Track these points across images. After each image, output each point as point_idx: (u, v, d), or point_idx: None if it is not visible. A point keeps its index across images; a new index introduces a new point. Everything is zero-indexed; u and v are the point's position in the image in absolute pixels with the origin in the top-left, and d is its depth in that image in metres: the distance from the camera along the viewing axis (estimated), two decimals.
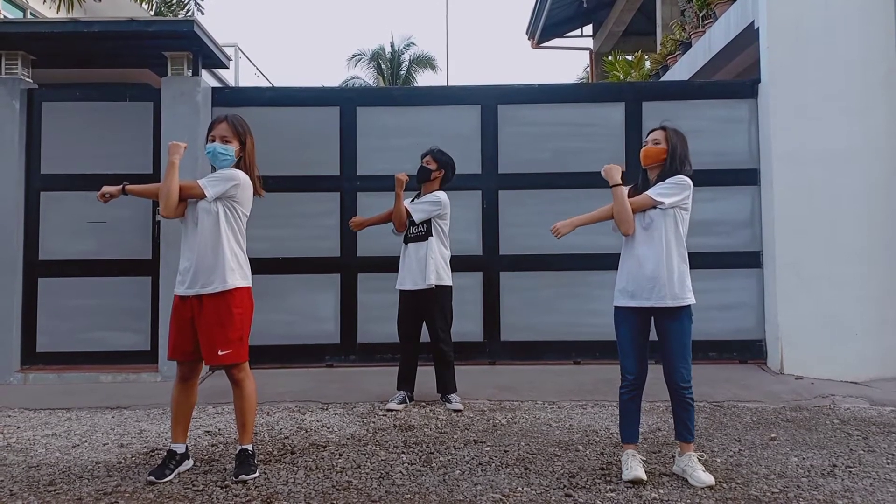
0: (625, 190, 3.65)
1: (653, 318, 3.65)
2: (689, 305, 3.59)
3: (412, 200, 5.24)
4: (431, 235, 5.14)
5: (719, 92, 6.75)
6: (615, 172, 3.67)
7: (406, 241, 5.23)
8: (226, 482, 3.58)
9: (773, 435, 4.43)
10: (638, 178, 3.81)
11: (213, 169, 3.81)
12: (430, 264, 5.08)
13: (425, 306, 5.16)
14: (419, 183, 5.27)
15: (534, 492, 3.45)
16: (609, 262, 6.53)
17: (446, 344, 5.17)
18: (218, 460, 3.95)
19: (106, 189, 3.80)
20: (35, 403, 5.40)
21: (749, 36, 6.81)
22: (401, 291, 5.24)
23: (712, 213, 6.35)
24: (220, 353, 3.62)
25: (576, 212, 3.84)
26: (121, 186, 3.80)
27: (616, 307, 3.71)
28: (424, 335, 5.27)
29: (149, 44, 6.36)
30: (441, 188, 5.27)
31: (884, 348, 6.03)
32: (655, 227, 3.59)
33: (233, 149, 3.74)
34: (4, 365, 6.13)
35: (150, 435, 4.53)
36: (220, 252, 3.65)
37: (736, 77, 8.20)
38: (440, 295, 5.14)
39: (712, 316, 6.18)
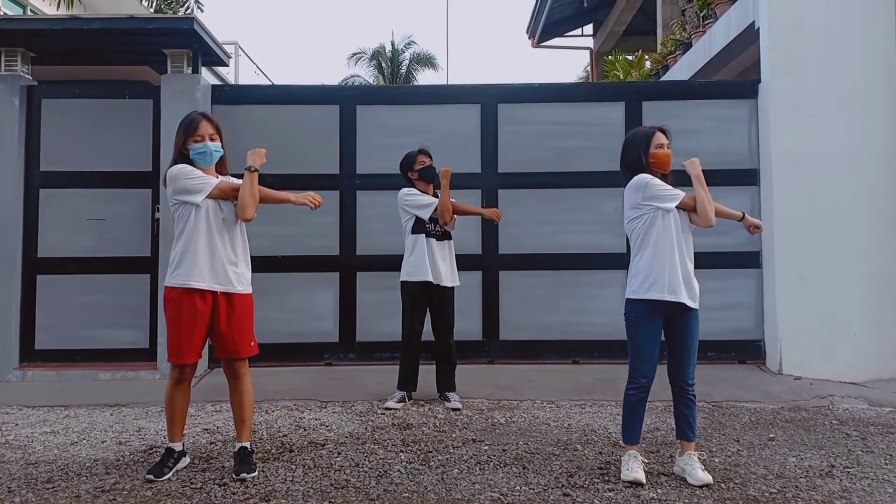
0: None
1: (663, 318, 3.64)
2: None
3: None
4: (451, 238, 5.27)
5: (719, 92, 6.75)
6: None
7: (432, 236, 5.14)
8: (224, 480, 3.58)
9: (771, 435, 4.43)
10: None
11: (188, 162, 3.72)
12: (454, 264, 5.25)
13: (443, 304, 5.19)
14: (429, 182, 5.24)
15: (532, 491, 3.45)
16: (608, 261, 6.60)
17: (453, 342, 5.24)
18: (216, 458, 3.95)
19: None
20: (33, 400, 5.40)
21: (749, 36, 6.81)
22: (420, 286, 5.10)
23: None
24: (251, 343, 3.73)
25: (575, 211, 3.86)
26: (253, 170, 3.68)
27: (640, 304, 3.61)
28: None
29: (149, 41, 6.35)
30: None
31: (883, 349, 6.03)
32: (684, 227, 3.65)
33: (220, 145, 3.76)
34: (3, 362, 6.12)
35: (148, 432, 4.53)
36: (248, 249, 3.80)
37: (736, 77, 8.20)
38: (454, 294, 5.27)
39: (711, 316, 6.14)
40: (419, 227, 5.15)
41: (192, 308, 3.59)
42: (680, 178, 3.74)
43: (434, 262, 5.11)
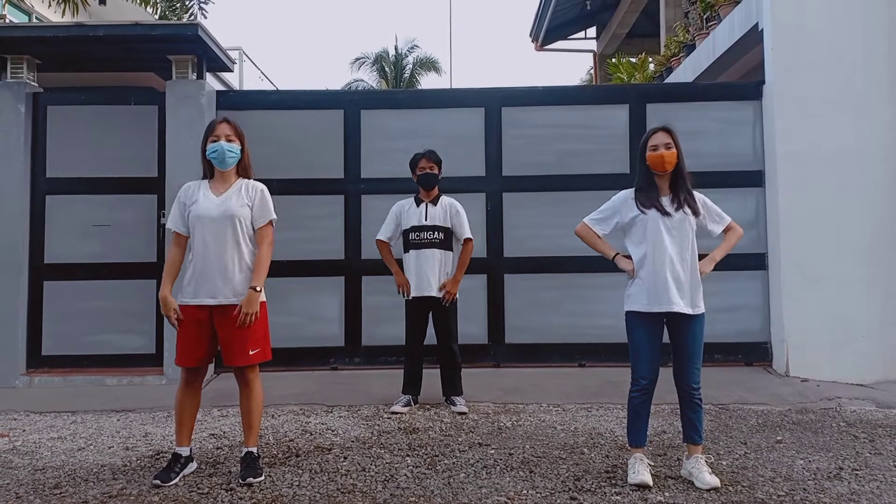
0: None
1: (665, 322, 3.64)
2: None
3: (424, 205, 5.23)
4: (452, 249, 5.26)
5: (723, 94, 6.74)
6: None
7: (421, 246, 5.17)
8: (231, 485, 3.58)
9: (778, 437, 4.41)
10: (640, 182, 3.76)
11: (211, 169, 3.79)
12: (451, 272, 5.24)
13: (443, 312, 5.18)
14: (427, 189, 5.25)
15: (539, 495, 3.44)
16: (613, 264, 6.55)
17: (457, 346, 5.23)
18: (223, 463, 3.96)
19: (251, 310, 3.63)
20: (40, 406, 5.41)
21: (753, 37, 6.80)
22: (415, 297, 5.19)
23: None
24: (251, 352, 3.68)
25: (580, 214, 3.87)
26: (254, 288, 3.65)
27: (631, 312, 3.67)
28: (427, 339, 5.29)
29: (153, 47, 6.38)
30: None
31: (890, 350, 6.01)
32: (680, 233, 3.61)
33: (238, 147, 3.77)
34: (10, 368, 6.14)
35: (155, 438, 4.54)
36: (248, 262, 3.73)
37: (740, 79, 8.19)
38: (455, 300, 5.25)
39: (717, 318, 6.12)
40: (405, 243, 5.25)
41: (190, 316, 3.66)
42: (699, 181, 3.78)
43: (421, 274, 5.13)
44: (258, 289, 3.64)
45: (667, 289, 3.55)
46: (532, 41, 16.18)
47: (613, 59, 11.86)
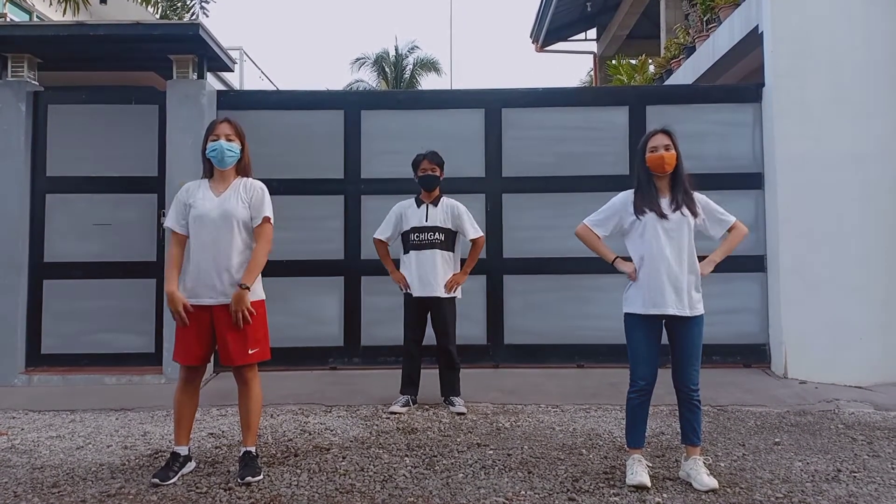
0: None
1: (664, 323, 3.65)
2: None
3: (425, 206, 5.24)
4: (454, 250, 5.26)
5: (723, 96, 6.74)
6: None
7: (420, 248, 5.18)
8: (229, 484, 3.58)
9: (777, 439, 4.42)
10: (639, 184, 3.76)
11: (211, 168, 3.80)
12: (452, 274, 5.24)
13: (440, 313, 5.18)
14: (427, 191, 5.26)
15: (537, 496, 3.45)
16: (612, 266, 6.58)
17: (455, 347, 5.22)
18: (221, 462, 3.96)
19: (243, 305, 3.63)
20: (39, 405, 5.42)
21: (753, 40, 6.81)
22: (416, 297, 5.19)
23: None
24: (250, 352, 3.68)
25: (579, 215, 3.89)
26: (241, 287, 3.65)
27: (629, 313, 3.68)
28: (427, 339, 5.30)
29: (154, 47, 6.38)
30: None
31: (889, 353, 6.01)
32: (677, 235, 3.61)
33: (237, 147, 3.78)
34: (9, 367, 6.14)
35: (153, 437, 4.54)
36: (247, 262, 3.74)
37: (740, 81, 8.20)
38: (454, 301, 5.25)
39: (716, 320, 6.12)
40: (405, 243, 5.25)
41: (190, 316, 3.67)
42: (698, 183, 3.79)
43: (420, 274, 5.14)
44: (246, 286, 3.63)
45: (663, 292, 3.56)
46: (532, 42, 16.20)
47: (613, 61, 11.87)
